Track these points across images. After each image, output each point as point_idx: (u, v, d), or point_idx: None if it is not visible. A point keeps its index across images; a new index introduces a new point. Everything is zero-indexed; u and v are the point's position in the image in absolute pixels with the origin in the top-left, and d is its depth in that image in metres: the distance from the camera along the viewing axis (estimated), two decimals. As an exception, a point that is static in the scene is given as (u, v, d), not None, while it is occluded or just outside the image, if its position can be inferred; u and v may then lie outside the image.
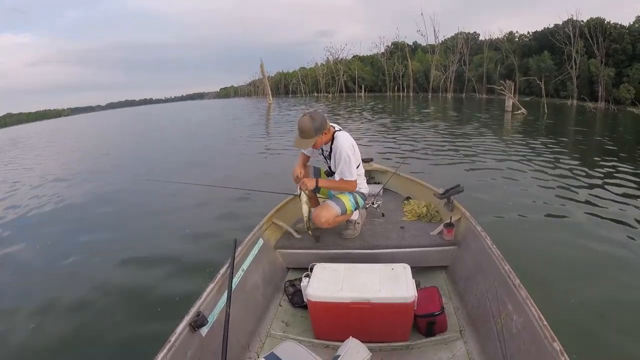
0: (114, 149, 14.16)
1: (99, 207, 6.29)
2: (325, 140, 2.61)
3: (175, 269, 3.75)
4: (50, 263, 4.33)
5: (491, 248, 2.23)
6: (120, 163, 10.80)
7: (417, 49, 51.30)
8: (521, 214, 4.73)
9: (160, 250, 4.25)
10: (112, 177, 8.55)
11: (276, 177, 6.55)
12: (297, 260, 2.82)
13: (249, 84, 78.75)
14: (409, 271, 2.12)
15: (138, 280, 3.65)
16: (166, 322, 1.98)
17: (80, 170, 9.99)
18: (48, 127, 43.12)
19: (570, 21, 31.98)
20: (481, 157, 8.23)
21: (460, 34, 45.75)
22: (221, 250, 2.74)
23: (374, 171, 4.18)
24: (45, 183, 8.49)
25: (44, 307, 3.33)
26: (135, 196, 6.69)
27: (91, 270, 3.99)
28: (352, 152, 2.63)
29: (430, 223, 3.05)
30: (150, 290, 3.42)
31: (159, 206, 5.84)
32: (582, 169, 7.04)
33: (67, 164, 11.25)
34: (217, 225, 4.75)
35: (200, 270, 3.45)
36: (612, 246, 3.79)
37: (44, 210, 6.38)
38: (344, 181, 2.64)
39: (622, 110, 23.53)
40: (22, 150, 18.12)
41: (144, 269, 3.84)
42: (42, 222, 5.84)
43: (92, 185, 7.93)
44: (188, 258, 3.94)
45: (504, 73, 35.94)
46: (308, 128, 2.45)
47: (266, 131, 16.68)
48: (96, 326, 3.03)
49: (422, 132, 13.08)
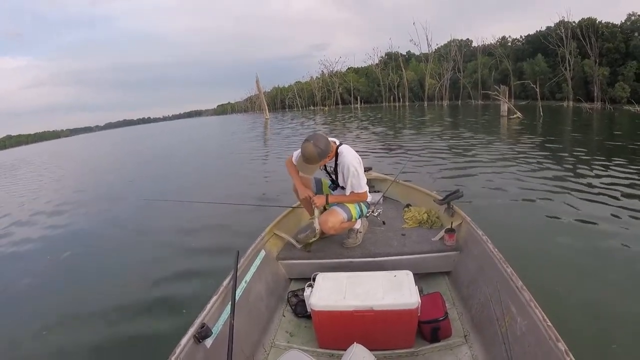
0: (115, 169, 14.20)
1: (104, 226, 6.30)
2: (329, 158, 2.61)
3: (178, 282, 3.75)
4: (55, 281, 4.36)
5: (493, 252, 2.23)
6: (122, 182, 10.83)
7: (410, 59, 51.86)
8: (521, 217, 4.74)
9: (162, 264, 4.25)
10: (114, 196, 8.56)
11: (275, 189, 6.58)
12: (299, 270, 2.82)
13: (246, 100, 79.51)
14: (411, 278, 2.12)
15: (140, 294, 3.63)
16: (170, 333, 1.98)
17: (85, 189, 10.09)
18: (48, 148, 43.34)
19: (562, 23, 32.33)
20: (478, 162, 8.26)
21: (453, 42, 46.33)
22: (223, 262, 2.75)
23: (373, 180, 4.20)
24: (40, 211, 8.43)
25: (54, 321, 3.37)
26: (137, 214, 6.71)
27: (93, 284, 4.01)
28: (359, 164, 2.64)
29: (432, 229, 3.05)
30: (152, 304, 3.42)
31: (161, 223, 5.85)
32: (578, 170, 7.06)
33: (72, 187, 11.30)
34: (218, 239, 4.75)
35: (203, 282, 3.46)
36: (615, 247, 3.78)
37: (48, 233, 6.39)
38: (355, 194, 2.67)
39: (618, 109, 23.68)
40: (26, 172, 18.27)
41: (146, 283, 3.83)
42: (45, 243, 5.85)
43: (95, 205, 7.96)
44: (190, 271, 3.93)
45: (499, 78, 36.28)
46: (313, 155, 2.39)
47: (264, 146, 16.76)
48: (100, 337, 3.04)
49: (419, 140, 13.16)
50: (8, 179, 16.59)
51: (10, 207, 9.10)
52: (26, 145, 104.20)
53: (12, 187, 13.18)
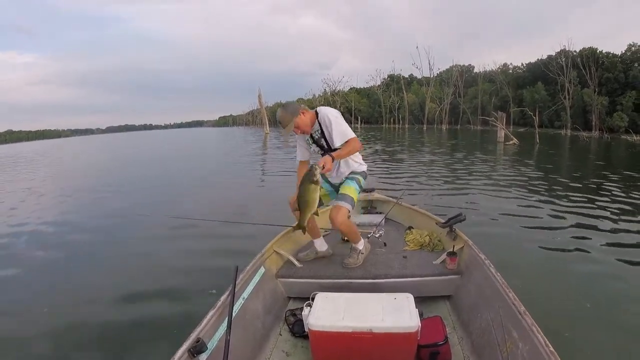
0: (114, 181, 14.07)
1: (97, 240, 6.14)
2: (310, 121, 2.68)
3: (176, 297, 3.66)
4: (48, 298, 4.25)
5: (495, 276, 2.21)
6: (120, 195, 10.70)
7: (412, 82, 52.58)
8: (521, 241, 4.73)
9: (159, 279, 4.16)
10: (109, 210, 8.41)
11: (276, 206, 6.53)
12: (298, 289, 2.78)
13: (247, 113, 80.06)
14: (412, 301, 2.09)
15: (137, 309, 3.54)
16: (165, 348, 1.94)
17: (79, 203, 9.93)
18: (48, 150, 42.70)
19: (563, 52, 32.88)
20: (476, 186, 8.32)
21: (455, 67, 47.03)
22: (222, 278, 2.71)
23: (375, 201, 4.19)
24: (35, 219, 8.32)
25: (49, 338, 3.24)
26: (131, 230, 6.59)
27: (90, 302, 3.90)
28: (337, 113, 2.74)
29: (433, 252, 3.03)
30: (149, 319, 3.33)
31: (159, 239, 5.73)
32: (571, 196, 7.16)
33: (65, 199, 11.14)
34: (217, 256, 4.68)
35: (200, 297, 3.39)
36: (617, 274, 3.75)
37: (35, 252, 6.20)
38: (348, 143, 2.67)
39: (616, 139, 23.91)
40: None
41: (143, 299, 3.74)
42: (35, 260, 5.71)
43: (88, 218, 7.80)
44: (188, 287, 3.86)
45: (499, 105, 36.70)
46: (283, 115, 2.62)
47: (262, 160, 16.80)
48: (96, 353, 2.96)
49: (419, 162, 13.25)
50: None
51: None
52: (27, 142, 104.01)
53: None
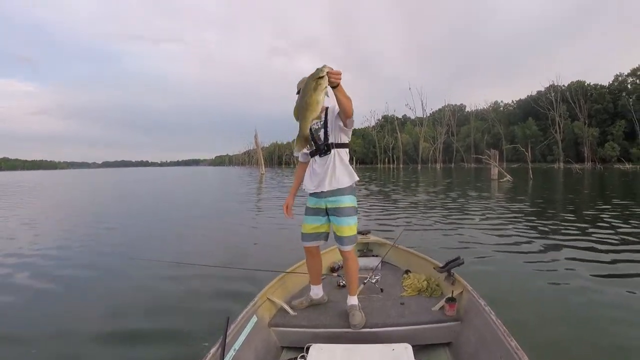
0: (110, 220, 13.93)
1: (80, 281, 5.98)
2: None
3: (162, 346, 3.50)
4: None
5: (496, 323, 2.15)
6: (112, 234, 10.57)
7: (406, 122, 53.80)
8: (522, 285, 4.60)
9: (145, 327, 3.97)
10: (100, 253, 8.26)
11: (269, 251, 6.43)
12: (292, 338, 2.68)
13: (244, 153, 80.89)
14: (410, 352, 2.02)
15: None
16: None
17: (73, 241, 9.77)
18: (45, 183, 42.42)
19: (552, 87, 34.01)
20: (471, 225, 8.22)
21: (447, 107, 48.34)
22: (214, 324, 2.60)
23: (371, 244, 4.15)
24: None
25: None
26: (122, 274, 6.41)
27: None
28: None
29: (431, 298, 2.95)
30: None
31: (147, 284, 5.57)
32: (569, 231, 7.11)
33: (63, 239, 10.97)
34: (209, 304, 4.53)
35: (190, 346, 3.23)
36: (623, 314, 3.65)
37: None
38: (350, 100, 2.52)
39: (608, 168, 24.18)
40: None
41: (129, 347, 3.59)
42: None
43: (78, 259, 7.65)
44: (177, 335, 3.68)
45: (491, 142, 37.45)
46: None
47: (257, 201, 16.77)
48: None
49: (414, 203, 13.21)
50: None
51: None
52: (21, 170, 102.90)
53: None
